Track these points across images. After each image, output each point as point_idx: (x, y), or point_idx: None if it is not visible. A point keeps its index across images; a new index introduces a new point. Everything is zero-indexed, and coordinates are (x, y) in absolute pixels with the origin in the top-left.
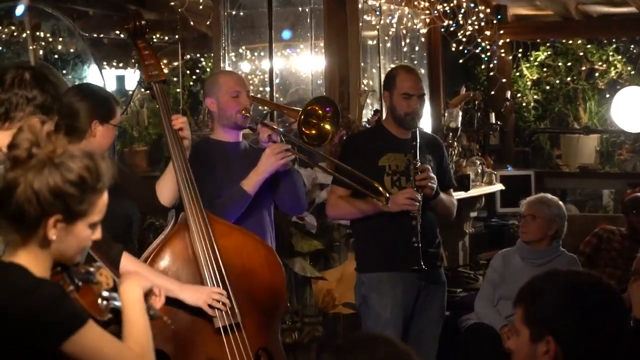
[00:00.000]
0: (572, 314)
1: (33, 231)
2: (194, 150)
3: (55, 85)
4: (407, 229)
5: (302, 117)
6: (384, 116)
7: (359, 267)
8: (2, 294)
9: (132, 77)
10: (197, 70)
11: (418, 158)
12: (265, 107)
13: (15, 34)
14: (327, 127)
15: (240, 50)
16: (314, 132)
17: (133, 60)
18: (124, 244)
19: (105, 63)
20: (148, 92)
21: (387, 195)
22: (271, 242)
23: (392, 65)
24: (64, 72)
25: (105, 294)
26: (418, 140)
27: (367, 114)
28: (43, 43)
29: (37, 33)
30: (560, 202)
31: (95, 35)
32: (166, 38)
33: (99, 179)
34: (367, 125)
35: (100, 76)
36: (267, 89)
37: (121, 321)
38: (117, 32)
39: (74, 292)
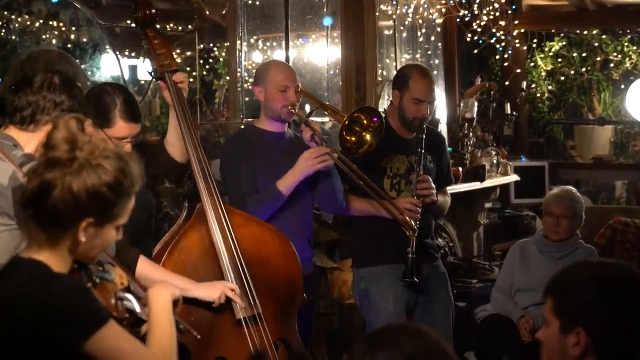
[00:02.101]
0: (602, 305)
1: (64, 233)
2: (239, 136)
3: (81, 90)
4: (400, 233)
5: (347, 122)
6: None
7: (356, 262)
8: (18, 289)
9: (144, 67)
10: (210, 60)
11: (422, 166)
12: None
13: (28, 23)
14: (368, 137)
15: (252, 40)
16: (353, 139)
17: (144, 50)
18: (145, 235)
19: (118, 53)
20: (160, 81)
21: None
22: (312, 236)
23: (408, 56)
24: (81, 61)
25: (120, 293)
26: (423, 150)
27: (382, 103)
28: (56, 32)
29: (52, 22)
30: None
31: (108, 24)
32: (180, 28)
33: (132, 183)
34: (383, 115)
35: (118, 65)
36: None
37: (135, 322)
38: (129, 21)
39: (92, 290)
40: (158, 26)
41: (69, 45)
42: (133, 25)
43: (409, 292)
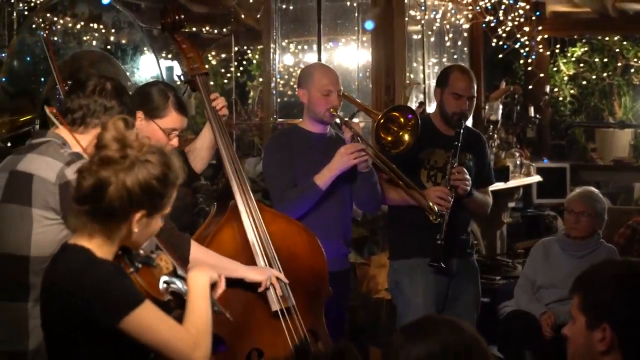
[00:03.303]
0: (628, 302)
1: (119, 225)
2: (283, 134)
3: (131, 98)
4: (430, 227)
5: (382, 120)
6: (427, 108)
7: (391, 254)
8: (65, 273)
9: (180, 69)
10: (244, 62)
11: (457, 158)
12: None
13: (70, 25)
14: (406, 137)
15: (284, 43)
16: (390, 138)
17: (175, 54)
18: (184, 228)
19: (157, 54)
20: (188, 84)
21: (436, 209)
22: (349, 232)
23: (435, 60)
24: (122, 62)
25: (165, 277)
26: (460, 141)
27: (411, 105)
28: (97, 34)
29: (94, 24)
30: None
31: (147, 27)
32: (216, 31)
33: (177, 175)
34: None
35: (157, 66)
36: None
37: (181, 304)
38: None
39: (134, 274)
40: (187, 30)
41: (108, 47)
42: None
43: (440, 286)
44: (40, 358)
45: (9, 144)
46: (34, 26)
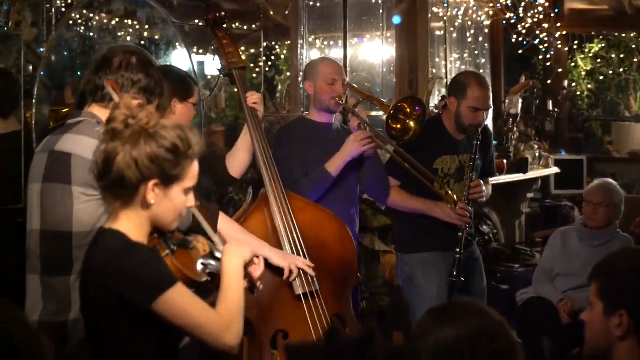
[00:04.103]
0: None
1: (133, 195)
2: (290, 127)
3: (158, 70)
4: (444, 227)
5: (392, 111)
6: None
7: (401, 248)
8: (100, 255)
9: (211, 63)
10: (273, 57)
11: (474, 171)
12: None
13: (105, 21)
14: (412, 124)
15: (311, 40)
16: (399, 126)
17: (212, 48)
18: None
19: (189, 50)
20: (227, 77)
21: (455, 198)
22: (356, 220)
23: (456, 55)
24: (155, 57)
25: (202, 259)
26: (477, 155)
27: (433, 99)
28: (131, 30)
29: (129, 21)
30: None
31: (180, 23)
32: (245, 27)
33: (190, 146)
34: (435, 111)
35: (190, 61)
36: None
37: (219, 285)
38: (197, 20)
39: (169, 256)
40: (226, 26)
41: (142, 42)
42: (202, 24)
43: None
44: (80, 327)
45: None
46: (71, 22)
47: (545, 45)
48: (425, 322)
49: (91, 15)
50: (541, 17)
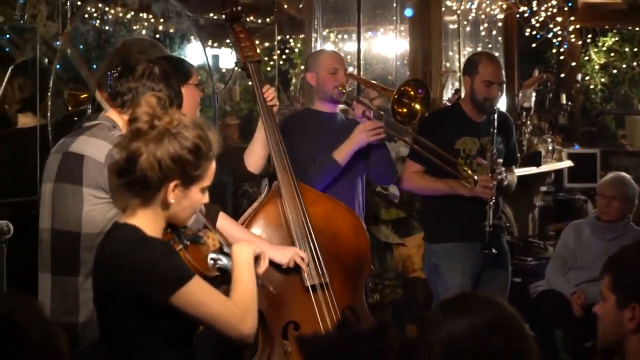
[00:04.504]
0: None
1: (154, 195)
2: (295, 118)
3: (178, 82)
4: (476, 203)
5: (396, 96)
6: (462, 96)
7: (428, 237)
8: (116, 250)
9: (226, 56)
10: (287, 51)
11: (494, 145)
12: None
13: (121, 14)
14: (417, 106)
15: (325, 33)
16: (404, 110)
17: (228, 41)
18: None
19: (203, 43)
20: (243, 71)
21: (475, 178)
22: (361, 208)
23: (470, 49)
24: (170, 50)
25: (212, 254)
26: (495, 130)
27: (447, 92)
28: (146, 23)
29: (143, 14)
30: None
31: (194, 16)
32: (260, 20)
33: (211, 147)
34: (448, 104)
35: (204, 54)
36: (350, 69)
37: (228, 280)
38: (212, 14)
39: (182, 251)
40: (242, 20)
41: (157, 36)
42: (216, 17)
43: (476, 268)
44: (89, 330)
45: (75, 119)
46: (86, 16)
47: (559, 38)
48: (436, 315)
49: (106, 8)
50: (554, 10)
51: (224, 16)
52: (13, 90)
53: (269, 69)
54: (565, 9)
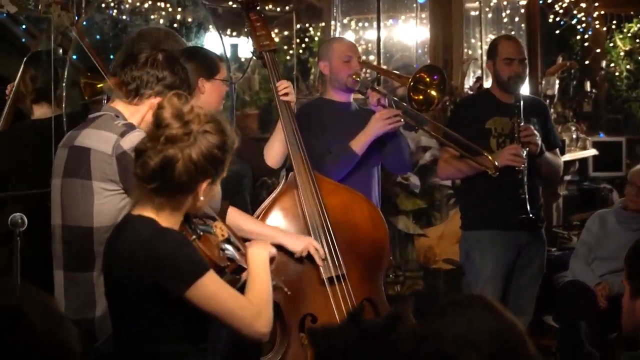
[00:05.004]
0: None
1: (186, 197)
2: (309, 107)
3: (185, 68)
4: (509, 188)
5: (412, 83)
6: (484, 83)
7: (463, 224)
8: (131, 243)
9: (245, 45)
10: (306, 39)
11: (522, 117)
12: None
13: (138, 4)
14: (434, 93)
15: (345, 21)
16: (421, 97)
17: (246, 30)
18: (235, 198)
19: (220, 31)
20: (259, 60)
21: (496, 163)
22: (377, 199)
23: (492, 36)
24: (186, 39)
25: (221, 244)
26: (522, 102)
27: (468, 81)
28: (164, 12)
29: (160, 3)
30: None
31: (212, 5)
32: (278, 9)
33: (233, 140)
34: (470, 92)
35: (221, 43)
36: (371, 57)
37: (235, 270)
38: (230, 2)
39: (196, 241)
40: (259, 8)
41: (175, 25)
42: (235, 6)
43: (509, 256)
44: (106, 324)
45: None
46: (103, 5)
47: (583, 25)
48: (450, 309)
49: None
50: None
51: (239, 5)
52: (25, 82)
53: (288, 58)
54: None
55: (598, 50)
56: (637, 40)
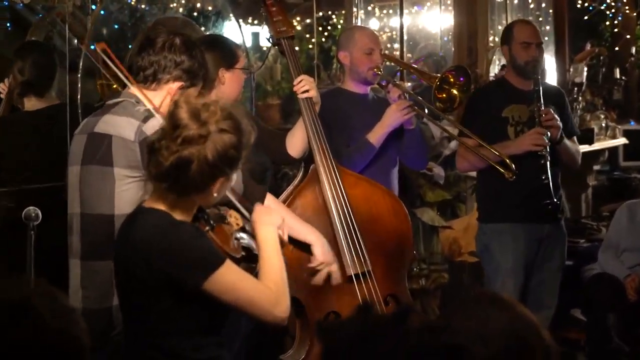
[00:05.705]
0: None
1: (199, 194)
2: (326, 98)
3: (202, 53)
4: (532, 176)
5: (438, 83)
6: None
7: (481, 217)
8: (146, 235)
9: (266, 34)
10: (329, 27)
11: (542, 102)
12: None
13: None
14: (455, 92)
15: (369, 8)
16: (444, 96)
17: (262, 14)
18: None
19: (241, 20)
20: (277, 47)
21: (513, 166)
22: (396, 193)
23: None
24: (204, 28)
25: (236, 233)
26: (540, 87)
27: (494, 69)
28: (183, 1)
29: None
30: None
31: None
32: None
33: (248, 137)
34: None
35: (240, 32)
36: (395, 45)
37: (251, 258)
38: None
39: (210, 232)
40: None
41: (194, 14)
42: None
43: (529, 249)
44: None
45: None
46: None
47: (613, 10)
48: (469, 305)
49: None
50: None
51: None
52: (14, 74)
53: (310, 46)
54: None
55: (628, 36)
56: None
